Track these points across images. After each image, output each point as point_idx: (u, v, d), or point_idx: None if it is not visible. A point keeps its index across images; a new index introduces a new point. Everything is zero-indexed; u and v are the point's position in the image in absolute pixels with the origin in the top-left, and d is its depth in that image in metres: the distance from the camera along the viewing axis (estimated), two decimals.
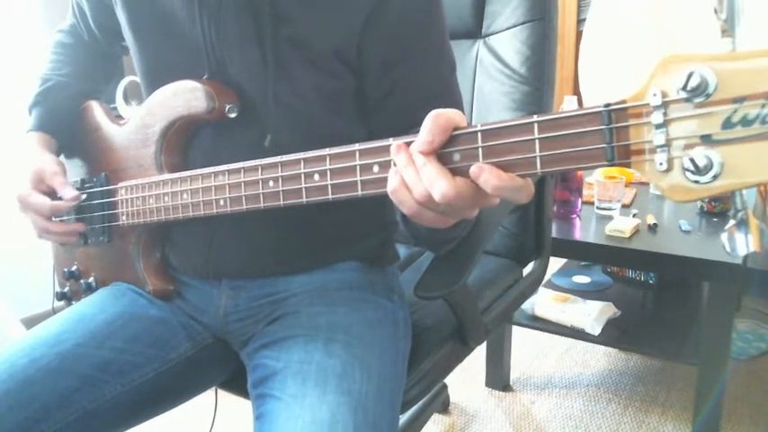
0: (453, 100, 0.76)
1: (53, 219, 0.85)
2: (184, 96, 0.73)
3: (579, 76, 2.39)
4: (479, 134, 0.48)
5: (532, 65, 1.03)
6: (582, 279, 1.77)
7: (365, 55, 0.72)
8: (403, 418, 1.30)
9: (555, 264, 1.91)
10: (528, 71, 1.03)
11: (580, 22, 2.77)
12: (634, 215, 1.45)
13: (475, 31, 1.11)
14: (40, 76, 0.92)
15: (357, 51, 0.72)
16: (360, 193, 0.55)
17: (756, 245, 0.39)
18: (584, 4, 2.74)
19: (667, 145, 0.40)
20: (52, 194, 0.83)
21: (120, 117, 0.90)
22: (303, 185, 0.59)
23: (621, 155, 0.42)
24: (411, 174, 0.50)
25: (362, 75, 0.74)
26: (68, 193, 0.82)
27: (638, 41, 2.10)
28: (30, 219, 0.84)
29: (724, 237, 0.40)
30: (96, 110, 0.91)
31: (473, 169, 0.47)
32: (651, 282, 1.73)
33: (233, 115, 0.72)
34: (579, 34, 2.63)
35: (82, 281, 0.93)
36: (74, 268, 0.94)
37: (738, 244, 0.40)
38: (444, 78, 0.76)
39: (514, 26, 1.04)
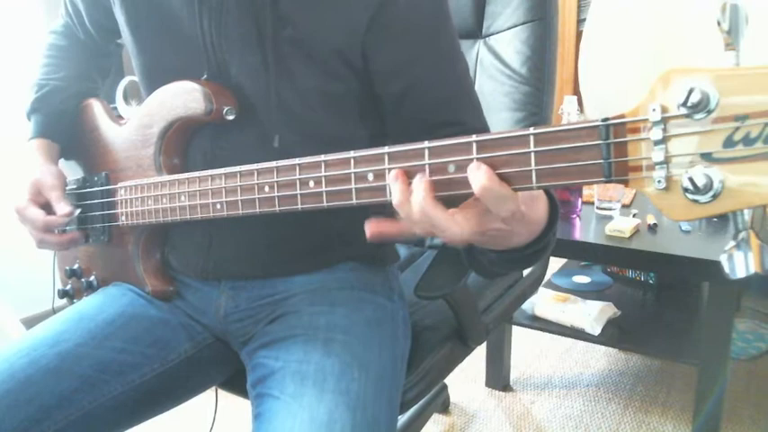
0: (470, 100, 0.76)
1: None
2: (183, 97, 0.73)
3: (579, 76, 2.39)
4: (474, 145, 0.47)
5: (533, 65, 1.03)
6: (582, 279, 1.77)
7: (372, 57, 0.72)
8: (403, 418, 1.30)
9: (555, 264, 1.91)
10: (528, 71, 1.03)
11: (580, 22, 2.77)
12: (634, 215, 1.45)
13: (475, 31, 1.11)
14: (36, 81, 0.91)
15: (361, 53, 0.71)
16: (354, 201, 0.55)
17: (757, 265, 0.38)
18: (584, 4, 2.74)
19: (666, 162, 0.38)
20: (50, 206, 0.84)
21: (120, 117, 0.90)
22: (298, 192, 0.59)
23: (619, 171, 0.41)
24: (408, 211, 0.50)
25: (372, 77, 0.73)
26: (62, 208, 0.82)
27: (638, 41, 2.10)
28: (27, 230, 0.85)
29: (723, 258, 0.39)
30: (97, 108, 0.91)
31: (471, 165, 0.46)
32: (651, 282, 1.73)
33: (231, 117, 0.72)
34: (579, 34, 2.63)
35: (83, 279, 0.93)
36: (75, 266, 0.94)
37: (737, 265, 0.38)
38: (460, 78, 0.75)
39: (515, 26, 1.04)
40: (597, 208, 1.50)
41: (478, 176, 0.45)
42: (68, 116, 0.91)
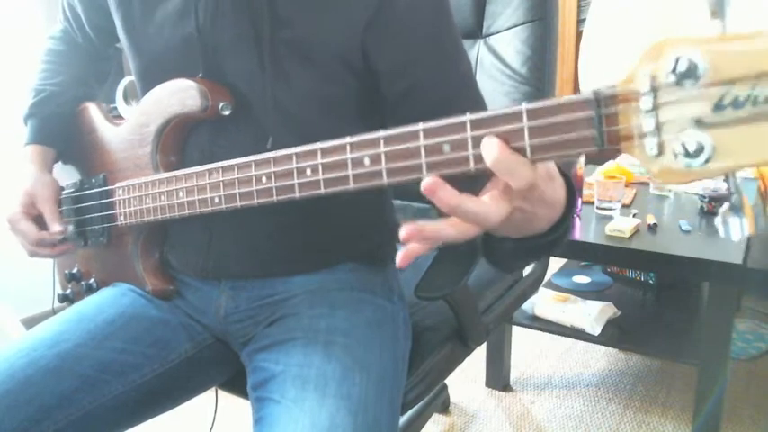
0: (475, 98, 0.76)
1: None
2: (178, 95, 0.73)
3: (579, 76, 2.39)
4: (468, 123, 0.47)
5: (533, 65, 1.03)
6: (582, 279, 1.77)
7: (372, 58, 0.71)
8: (403, 419, 1.30)
9: (555, 264, 1.91)
10: (528, 71, 1.03)
11: (580, 22, 2.77)
12: (634, 215, 1.45)
13: (475, 31, 1.11)
14: (33, 87, 0.91)
15: (362, 54, 0.71)
16: (351, 186, 0.55)
17: (751, 228, 0.39)
18: (585, 4, 2.74)
19: (658, 129, 0.39)
20: (42, 218, 0.84)
21: (119, 117, 0.90)
22: (295, 181, 0.59)
23: (612, 140, 0.41)
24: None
25: (374, 77, 0.73)
26: (54, 227, 0.82)
27: (638, 41, 2.10)
28: (18, 240, 0.85)
29: (718, 221, 0.40)
30: (93, 111, 0.91)
31: (483, 140, 0.45)
32: (651, 282, 1.73)
33: (227, 113, 0.72)
34: (579, 34, 2.63)
35: (83, 282, 0.93)
36: (75, 270, 0.94)
37: (732, 228, 0.39)
38: (463, 76, 0.75)
39: (515, 26, 1.04)
40: (597, 208, 1.50)
41: (489, 150, 0.44)
42: (65, 121, 0.91)
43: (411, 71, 0.71)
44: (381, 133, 0.52)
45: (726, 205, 0.40)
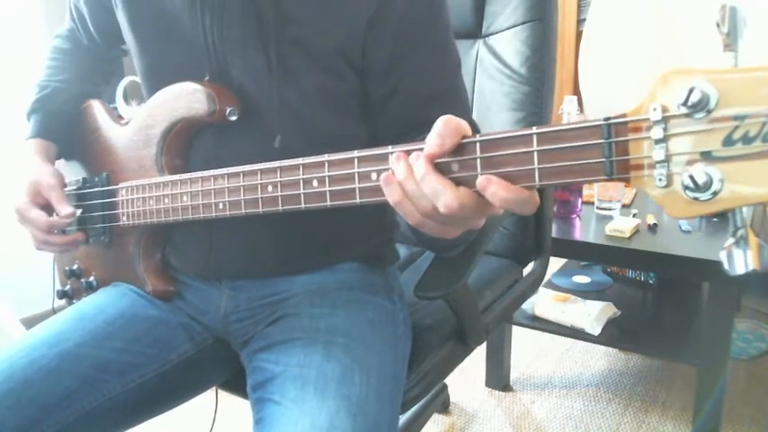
0: (459, 98, 0.76)
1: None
2: (186, 98, 0.73)
3: (579, 76, 2.39)
4: (478, 144, 0.47)
5: (532, 65, 1.03)
6: (582, 279, 1.77)
7: (369, 55, 0.72)
8: (403, 418, 1.30)
9: (555, 264, 1.91)
10: (528, 71, 1.03)
11: (580, 22, 2.77)
12: (634, 215, 1.45)
13: (475, 30, 1.11)
14: (38, 83, 0.91)
15: (362, 52, 0.72)
16: (358, 200, 0.55)
17: (756, 262, 0.38)
18: (585, 4, 2.74)
19: (667, 160, 0.39)
20: (50, 207, 0.84)
21: (120, 117, 0.90)
22: (302, 191, 0.59)
23: (620, 169, 0.41)
24: (412, 186, 0.49)
25: (366, 75, 0.73)
26: (64, 209, 0.82)
27: (638, 42, 2.10)
28: (28, 231, 0.84)
29: (722, 255, 0.39)
30: (98, 109, 0.91)
31: (480, 181, 0.46)
32: (651, 282, 1.73)
33: (234, 118, 0.72)
34: (579, 34, 2.63)
35: (83, 279, 0.93)
36: (75, 267, 0.94)
37: (737, 262, 0.39)
38: (449, 76, 0.75)
39: (514, 26, 1.04)
40: (597, 208, 1.50)
41: (494, 191, 0.45)
42: (68, 117, 0.91)
43: (396, 68, 0.72)
44: (390, 148, 0.52)
45: (730, 240, 0.40)
